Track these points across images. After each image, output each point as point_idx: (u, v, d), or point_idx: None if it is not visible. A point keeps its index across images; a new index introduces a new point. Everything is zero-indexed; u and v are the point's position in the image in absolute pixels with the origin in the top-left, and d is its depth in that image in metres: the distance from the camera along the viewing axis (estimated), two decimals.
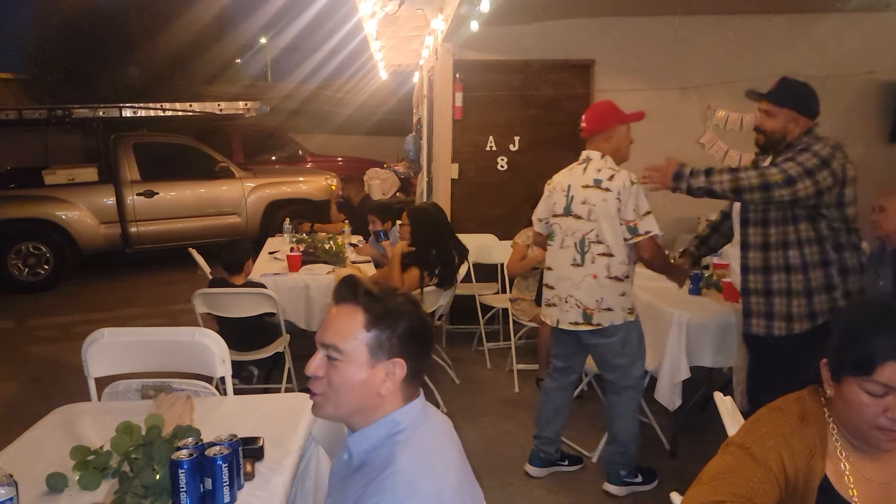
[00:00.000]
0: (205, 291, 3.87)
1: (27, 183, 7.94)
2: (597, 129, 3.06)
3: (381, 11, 4.97)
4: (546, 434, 3.35)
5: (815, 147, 2.58)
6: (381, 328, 1.33)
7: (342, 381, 1.32)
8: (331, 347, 1.34)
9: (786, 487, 1.34)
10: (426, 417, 1.39)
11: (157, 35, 12.76)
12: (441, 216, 4.21)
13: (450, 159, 5.56)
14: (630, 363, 3.12)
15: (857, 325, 1.34)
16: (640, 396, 3.23)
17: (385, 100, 13.47)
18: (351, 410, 1.35)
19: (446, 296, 4.11)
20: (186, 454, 1.56)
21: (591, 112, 3.13)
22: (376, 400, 1.34)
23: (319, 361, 1.35)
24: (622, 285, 3.02)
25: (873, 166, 5.68)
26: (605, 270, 2.99)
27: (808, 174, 2.50)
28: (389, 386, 1.34)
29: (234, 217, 8.65)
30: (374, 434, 1.34)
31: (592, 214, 2.98)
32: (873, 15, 5.44)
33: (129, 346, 2.53)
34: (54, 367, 5.04)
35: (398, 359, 1.34)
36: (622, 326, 3.05)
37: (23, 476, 1.58)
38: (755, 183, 2.52)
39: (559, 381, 3.34)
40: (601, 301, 3.02)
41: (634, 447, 3.18)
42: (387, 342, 1.33)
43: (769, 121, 2.71)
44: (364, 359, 1.32)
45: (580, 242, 3.03)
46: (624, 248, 2.98)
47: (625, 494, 3.19)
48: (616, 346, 3.07)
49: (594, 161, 3.04)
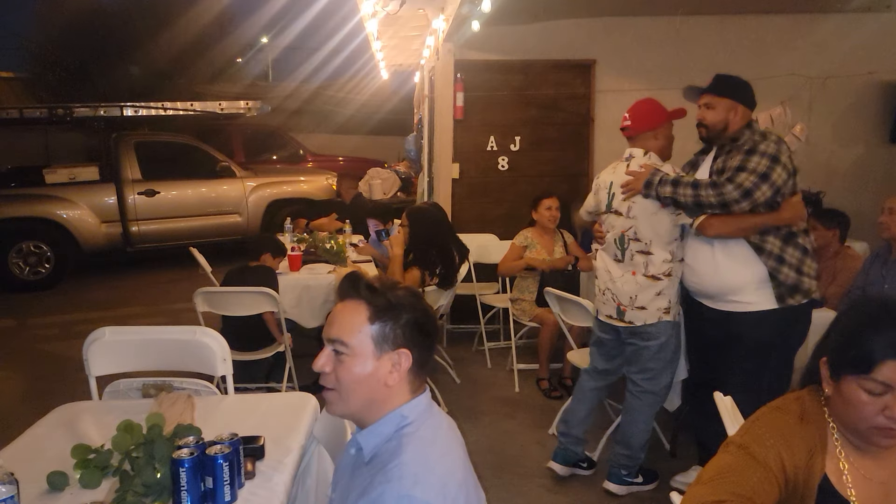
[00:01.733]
0: (206, 290, 3.88)
1: (28, 182, 7.94)
2: (644, 128, 3.02)
3: (383, 11, 4.97)
4: (576, 433, 3.32)
5: (762, 146, 2.69)
6: (384, 320, 1.36)
7: (350, 375, 1.36)
8: (337, 342, 1.37)
9: (785, 487, 1.35)
10: (432, 414, 1.42)
11: (158, 34, 12.78)
12: (442, 216, 4.21)
13: (451, 159, 5.56)
14: (662, 369, 3.08)
15: (857, 324, 1.34)
16: (660, 405, 3.16)
17: (386, 99, 13.47)
18: (360, 404, 1.38)
19: (447, 295, 4.12)
20: (187, 453, 1.56)
21: (636, 110, 3.07)
22: (384, 391, 1.37)
23: (327, 357, 1.38)
24: (660, 284, 2.96)
25: (873, 167, 5.72)
26: (642, 268, 2.98)
27: (763, 179, 2.64)
28: (396, 377, 1.37)
29: (234, 216, 8.65)
30: (384, 430, 1.37)
31: (631, 211, 2.97)
32: (874, 15, 5.44)
33: (131, 345, 2.53)
34: (55, 365, 5.05)
35: (403, 349, 1.37)
36: (659, 327, 3.01)
37: (24, 474, 1.59)
38: (714, 202, 2.69)
39: (597, 382, 3.32)
40: (634, 299, 3.00)
41: (643, 453, 3.17)
42: (391, 333, 1.36)
43: (710, 113, 2.86)
44: (370, 351, 1.36)
45: (619, 239, 3.03)
46: (666, 246, 2.95)
47: (624, 493, 3.19)
48: (653, 349, 3.04)
49: (637, 158, 3.02)
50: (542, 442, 3.70)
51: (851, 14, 5.40)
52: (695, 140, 3.00)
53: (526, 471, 3.42)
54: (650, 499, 3.18)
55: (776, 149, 2.67)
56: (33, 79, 13.57)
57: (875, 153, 5.75)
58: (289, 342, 3.95)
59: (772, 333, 2.78)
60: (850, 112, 5.66)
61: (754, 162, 2.65)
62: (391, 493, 1.21)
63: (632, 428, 3.15)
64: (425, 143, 6.50)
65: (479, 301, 5.07)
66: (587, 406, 3.33)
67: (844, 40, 5.46)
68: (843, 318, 1.42)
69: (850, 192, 5.41)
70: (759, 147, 2.68)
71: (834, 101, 5.60)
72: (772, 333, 2.78)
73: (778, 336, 2.79)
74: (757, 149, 2.68)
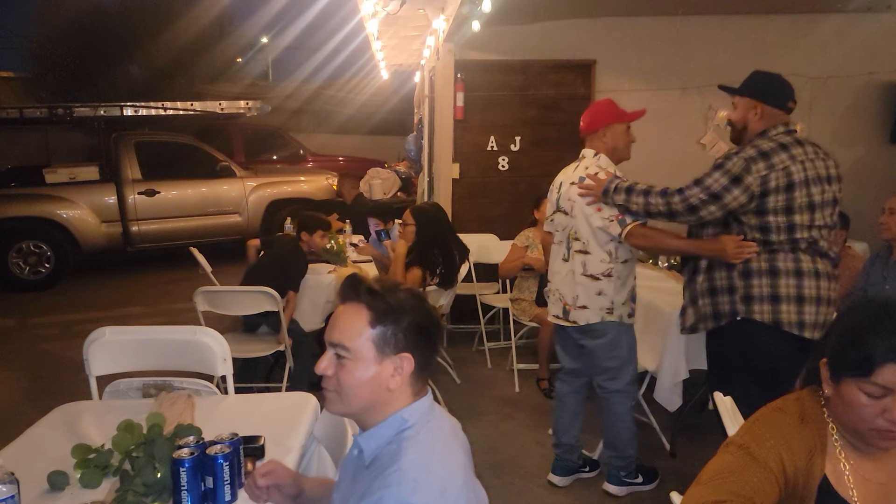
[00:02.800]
0: (206, 289, 3.88)
1: (28, 181, 7.95)
2: (592, 128, 3.05)
3: (383, 11, 4.98)
4: (566, 441, 3.30)
5: (730, 162, 2.55)
6: (385, 324, 1.35)
7: (351, 379, 1.34)
8: (338, 346, 1.35)
9: (785, 487, 1.34)
10: (433, 416, 1.40)
11: (158, 34, 12.78)
12: (442, 216, 4.20)
13: (451, 159, 5.56)
14: (620, 367, 3.07)
15: (857, 326, 1.33)
16: (630, 401, 3.15)
17: (386, 99, 13.48)
18: (362, 406, 1.37)
19: (447, 295, 4.12)
20: (187, 452, 1.56)
21: (588, 110, 3.13)
22: (386, 395, 1.36)
23: (329, 360, 1.37)
24: (600, 284, 2.96)
25: (873, 167, 5.71)
26: (581, 267, 2.99)
27: (713, 199, 2.55)
28: (398, 380, 1.35)
29: (235, 216, 8.66)
30: (384, 433, 1.36)
31: (573, 211, 3.00)
32: (874, 16, 5.44)
33: (131, 345, 2.53)
34: (55, 365, 5.05)
35: (405, 353, 1.35)
36: (607, 326, 3.00)
37: (24, 474, 1.59)
38: (662, 210, 2.68)
39: (571, 384, 3.31)
40: (576, 298, 3.02)
41: (633, 450, 3.16)
42: (392, 338, 1.35)
43: (733, 112, 2.76)
44: (371, 355, 1.34)
45: (566, 239, 3.06)
46: (604, 246, 2.95)
47: (624, 494, 3.19)
48: (605, 346, 3.05)
49: (586, 159, 3.05)
50: (542, 442, 3.70)
51: (852, 14, 5.40)
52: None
53: (526, 471, 3.43)
54: (650, 499, 3.18)
55: (742, 167, 2.50)
56: (33, 78, 13.56)
57: (875, 153, 5.74)
58: (288, 343, 3.96)
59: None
60: (850, 112, 5.66)
61: (712, 179, 2.56)
62: (389, 498, 1.21)
63: (611, 429, 3.15)
64: (425, 143, 6.51)
65: (480, 301, 5.07)
66: (569, 412, 3.30)
67: (845, 40, 5.47)
68: (844, 319, 1.41)
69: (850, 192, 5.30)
70: (727, 163, 2.56)
71: (834, 102, 5.60)
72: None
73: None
74: (724, 164, 2.56)
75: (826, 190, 2.55)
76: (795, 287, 2.54)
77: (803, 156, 2.53)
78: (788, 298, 2.54)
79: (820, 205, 2.54)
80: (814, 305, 2.55)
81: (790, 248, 2.55)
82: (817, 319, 2.55)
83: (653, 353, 3.54)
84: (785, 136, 2.58)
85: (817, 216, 2.54)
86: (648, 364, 3.54)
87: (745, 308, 2.59)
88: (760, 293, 2.57)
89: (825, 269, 2.59)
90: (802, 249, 2.56)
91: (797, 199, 2.50)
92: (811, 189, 2.51)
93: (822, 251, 2.60)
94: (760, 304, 2.57)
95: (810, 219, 2.53)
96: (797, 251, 2.56)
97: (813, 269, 2.56)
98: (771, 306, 2.55)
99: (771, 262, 2.57)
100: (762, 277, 2.57)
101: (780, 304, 2.54)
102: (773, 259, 2.56)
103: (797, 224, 2.52)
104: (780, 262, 2.56)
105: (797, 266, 2.55)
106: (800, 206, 2.51)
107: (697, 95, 5.51)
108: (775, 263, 2.56)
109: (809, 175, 2.51)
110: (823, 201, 2.55)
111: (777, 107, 2.65)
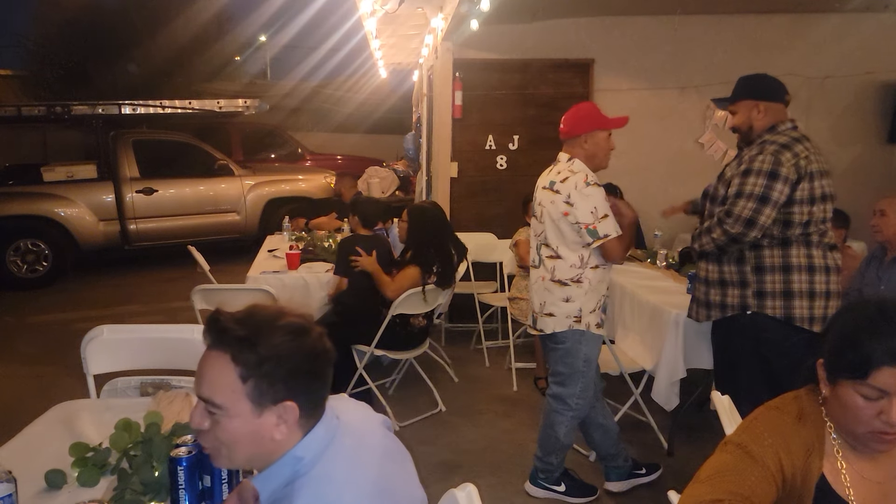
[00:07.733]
0: (204, 288, 3.88)
1: (26, 180, 7.94)
2: (573, 133, 2.94)
3: (381, 9, 4.97)
4: (602, 452, 3.23)
5: (756, 164, 2.57)
6: (258, 377, 1.17)
7: (228, 435, 1.19)
8: (208, 402, 1.19)
9: (783, 486, 1.35)
10: (334, 439, 1.25)
11: (156, 32, 12.77)
12: (441, 215, 4.21)
13: (449, 158, 5.56)
14: (569, 375, 2.98)
15: (853, 329, 1.33)
16: (568, 419, 3.01)
17: (385, 98, 13.49)
18: (248, 459, 1.25)
19: (445, 294, 4.12)
20: (185, 451, 1.56)
21: (569, 114, 2.99)
22: (271, 445, 1.21)
23: (201, 414, 1.21)
24: (567, 290, 2.89)
25: (871, 167, 5.72)
26: (549, 273, 2.94)
27: (762, 202, 2.55)
28: (284, 430, 1.20)
29: (233, 215, 8.65)
30: (279, 472, 1.21)
31: (543, 216, 2.96)
32: (872, 15, 5.45)
33: (129, 344, 2.53)
34: (53, 363, 5.04)
35: (288, 402, 1.19)
36: (568, 335, 2.92)
37: (22, 472, 1.58)
38: (724, 239, 2.64)
39: None
40: (543, 305, 2.96)
41: (556, 461, 3.08)
42: (270, 389, 1.18)
43: (735, 118, 2.81)
44: (247, 410, 1.18)
45: (539, 244, 3.02)
46: (574, 252, 2.88)
47: (626, 490, 3.20)
48: (560, 352, 2.98)
49: (560, 163, 2.98)
50: None
51: (850, 14, 5.41)
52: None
53: (524, 469, 3.42)
54: (649, 498, 3.19)
55: (773, 161, 2.54)
56: (32, 76, 13.55)
57: (873, 153, 5.75)
58: None
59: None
60: (848, 112, 5.67)
61: (749, 185, 2.56)
62: None
63: (542, 431, 3.11)
64: (424, 142, 6.51)
65: (478, 300, 5.07)
66: (590, 424, 3.19)
67: (843, 40, 5.47)
68: (840, 320, 1.40)
69: (848, 191, 5.36)
70: (755, 165, 2.58)
71: (832, 101, 5.61)
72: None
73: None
74: (752, 168, 2.58)
75: (830, 184, 2.64)
76: (808, 283, 2.61)
77: (812, 149, 2.63)
78: (801, 294, 2.61)
79: (830, 197, 2.62)
80: (824, 300, 2.62)
81: (804, 242, 2.62)
82: (827, 313, 2.61)
83: (651, 352, 3.55)
84: (793, 132, 2.67)
85: (828, 207, 2.62)
86: (646, 363, 3.54)
87: (758, 303, 2.65)
88: (773, 289, 2.63)
89: (834, 263, 2.67)
90: (815, 244, 2.63)
91: (816, 189, 2.58)
92: (823, 181, 2.60)
93: (832, 244, 2.67)
94: (773, 300, 2.63)
95: (824, 209, 2.61)
96: (810, 246, 2.63)
97: (824, 265, 2.63)
98: (783, 302, 2.62)
99: (784, 259, 2.63)
100: (775, 273, 2.63)
101: (793, 300, 2.61)
102: (787, 255, 2.62)
103: (815, 216, 2.59)
104: (794, 258, 2.62)
105: (810, 262, 2.62)
106: (820, 196, 2.59)
107: (696, 95, 5.51)
108: (789, 260, 2.62)
109: (822, 168, 2.61)
110: (831, 194, 2.63)
111: (776, 100, 2.72)
